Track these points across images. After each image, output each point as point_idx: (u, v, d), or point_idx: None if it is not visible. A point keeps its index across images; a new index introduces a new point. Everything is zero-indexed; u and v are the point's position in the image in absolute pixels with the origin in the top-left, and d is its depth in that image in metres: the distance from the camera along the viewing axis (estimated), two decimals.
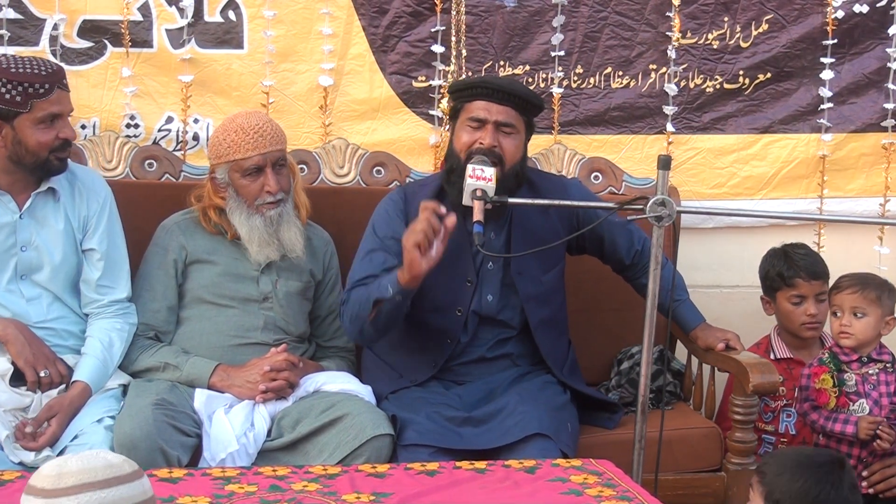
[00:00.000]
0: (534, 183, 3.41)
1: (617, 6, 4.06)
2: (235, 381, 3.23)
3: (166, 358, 3.27)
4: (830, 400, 3.52)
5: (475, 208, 3.08)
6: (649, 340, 3.05)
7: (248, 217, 3.30)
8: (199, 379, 3.23)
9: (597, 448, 3.21)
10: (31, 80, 3.06)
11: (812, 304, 3.78)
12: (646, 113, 4.13)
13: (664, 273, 3.13)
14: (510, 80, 3.62)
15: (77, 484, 1.88)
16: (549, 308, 3.41)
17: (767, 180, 4.21)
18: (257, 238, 3.30)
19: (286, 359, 3.22)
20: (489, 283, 3.32)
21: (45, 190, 3.20)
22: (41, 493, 1.89)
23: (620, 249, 3.48)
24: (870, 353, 3.58)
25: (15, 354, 3.06)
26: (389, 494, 2.52)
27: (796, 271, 3.78)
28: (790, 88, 4.19)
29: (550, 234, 3.33)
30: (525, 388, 3.28)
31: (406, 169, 3.93)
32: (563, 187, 3.46)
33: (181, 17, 3.85)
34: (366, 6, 3.95)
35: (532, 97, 3.35)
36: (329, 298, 3.51)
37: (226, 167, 3.31)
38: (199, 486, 2.55)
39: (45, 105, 3.09)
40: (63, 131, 3.13)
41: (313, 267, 3.47)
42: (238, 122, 3.32)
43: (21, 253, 3.19)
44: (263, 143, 3.28)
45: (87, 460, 1.92)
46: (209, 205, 3.37)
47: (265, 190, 3.29)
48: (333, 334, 3.52)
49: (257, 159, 3.28)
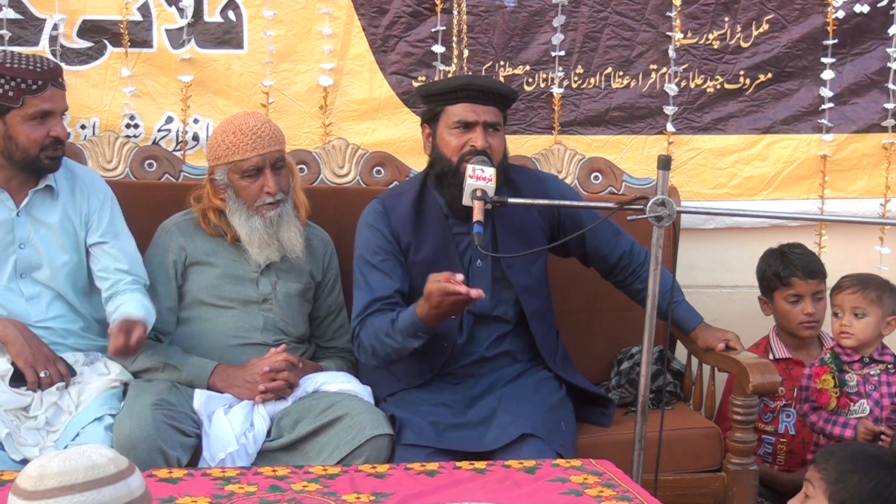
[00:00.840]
0: (511, 178, 3.38)
1: (617, 6, 4.06)
2: (235, 380, 3.22)
3: (166, 358, 3.26)
4: (831, 400, 3.52)
5: (475, 208, 3.08)
6: (649, 340, 3.05)
7: (248, 218, 3.30)
8: (198, 379, 3.23)
9: (597, 448, 3.21)
10: (25, 76, 3.06)
11: (809, 303, 3.79)
12: (646, 113, 4.13)
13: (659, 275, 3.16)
14: (489, 79, 3.61)
15: (57, 486, 1.85)
16: (539, 299, 3.42)
17: (769, 181, 4.21)
18: (257, 239, 3.29)
19: (285, 359, 3.22)
20: (480, 281, 3.31)
21: (42, 188, 3.20)
22: (23, 493, 1.87)
23: (604, 247, 3.45)
24: (872, 353, 3.58)
25: (14, 355, 3.06)
26: (389, 494, 2.52)
27: (793, 270, 3.79)
28: (791, 89, 4.18)
29: (532, 227, 3.35)
30: (520, 387, 3.28)
31: (406, 169, 3.93)
32: (539, 182, 3.45)
33: (181, 17, 3.85)
34: (366, 6, 3.95)
35: (511, 93, 3.37)
36: (328, 299, 3.51)
37: (225, 168, 3.31)
38: (198, 487, 2.55)
39: (37, 101, 3.09)
40: (54, 129, 3.13)
41: (313, 268, 3.46)
42: (236, 124, 3.31)
43: (20, 251, 3.19)
44: (262, 144, 3.28)
45: (70, 460, 1.88)
46: (208, 206, 3.37)
47: (264, 191, 3.29)
48: (333, 335, 3.52)
49: (256, 160, 3.28)
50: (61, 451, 1.94)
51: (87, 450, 1.93)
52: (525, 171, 3.59)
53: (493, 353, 3.36)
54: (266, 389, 3.19)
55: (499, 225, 3.35)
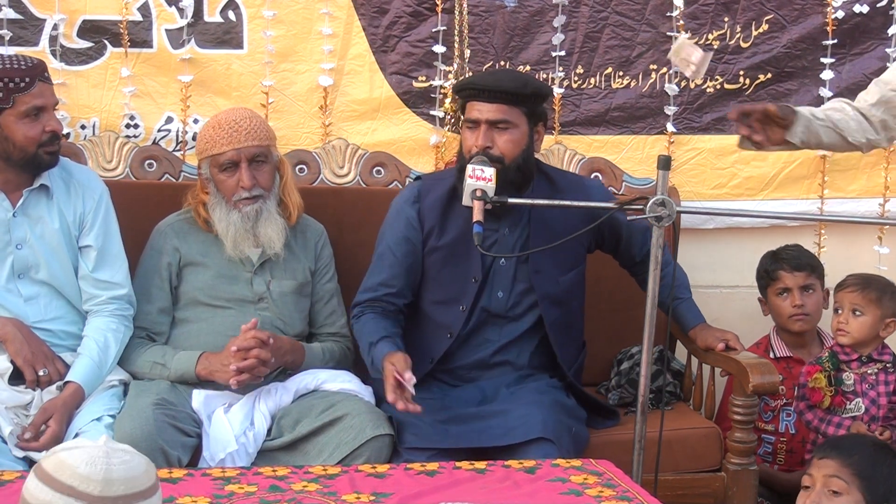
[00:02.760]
0: (553, 180, 3.40)
1: (617, 6, 4.06)
2: (213, 366, 3.21)
3: (154, 357, 3.27)
4: (825, 399, 3.53)
5: (475, 208, 3.09)
6: (649, 340, 3.05)
7: (227, 213, 3.31)
8: (186, 372, 3.23)
9: (597, 448, 3.21)
10: (11, 75, 3.06)
11: (797, 295, 3.81)
12: (646, 113, 4.13)
13: (668, 271, 3.24)
14: (498, 76, 3.56)
15: (126, 494, 1.83)
16: (565, 309, 3.40)
17: (768, 181, 4.21)
18: (232, 234, 3.30)
19: (254, 336, 3.17)
20: (500, 281, 3.33)
21: (37, 187, 3.20)
22: (88, 498, 1.83)
23: (633, 248, 3.49)
24: (870, 352, 3.58)
25: (13, 353, 3.06)
26: (389, 494, 2.52)
27: (780, 264, 3.85)
28: (791, 89, 4.18)
29: (570, 233, 3.25)
30: (528, 389, 3.27)
31: (406, 169, 3.93)
32: (582, 187, 3.44)
33: (181, 17, 3.85)
34: (366, 6, 3.94)
35: (521, 88, 3.27)
36: (320, 284, 3.49)
37: (207, 162, 3.34)
38: (198, 487, 2.55)
39: (28, 98, 3.09)
40: (49, 124, 3.13)
41: (307, 261, 3.46)
42: (218, 118, 3.34)
43: (16, 251, 3.18)
44: (237, 139, 3.28)
45: (130, 467, 1.86)
46: (198, 201, 3.39)
47: (239, 185, 3.29)
48: (324, 320, 3.50)
49: (231, 154, 3.28)
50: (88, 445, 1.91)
51: (118, 450, 1.90)
52: (566, 174, 3.62)
53: (494, 361, 3.35)
54: (239, 369, 3.13)
55: (534, 228, 3.33)
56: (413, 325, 3.38)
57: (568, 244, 3.27)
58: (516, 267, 3.34)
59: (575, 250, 3.39)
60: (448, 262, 3.29)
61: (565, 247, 3.28)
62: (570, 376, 3.38)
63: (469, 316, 3.32)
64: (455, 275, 3.31)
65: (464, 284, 3.32)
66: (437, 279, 3.31)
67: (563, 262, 3.36)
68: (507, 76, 3.46)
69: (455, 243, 3.25)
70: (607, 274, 3.60)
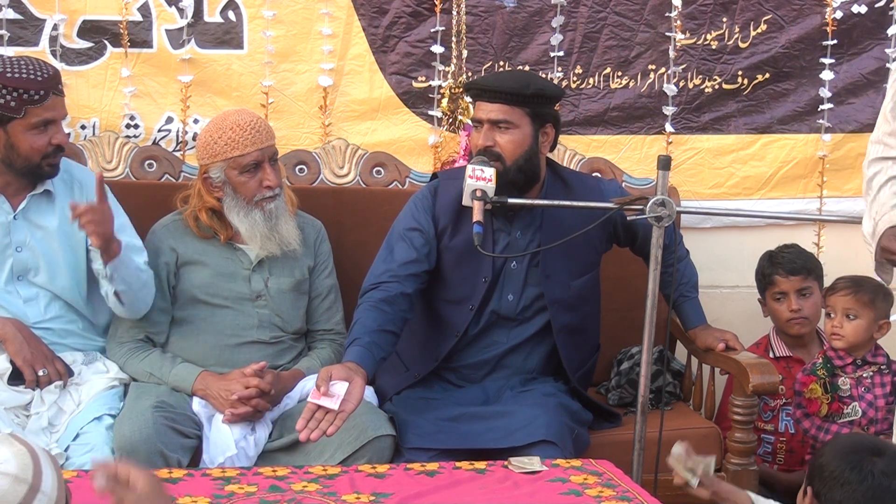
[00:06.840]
0: (568, 183, 3.39)
1: (616, 6, 4.06)
2: (212, 391, 3.17)
3: (151, 368, 3.25)
4: (822, 407, 3.53)
5: (475, 208, 3.09)
6: (649, 340, 3.06)
7: (248, 213, 3.30)
8: (183, 389, 3.21)
9: (597, 448, 3.21)
10: (27, 87, 3.05)
11: (794, 299, 3.80)
12: (645, 113, 4.13)
13: (679, 266, 3.34)
14: (502, 76, 3.60)
15: None
16: (576, 315, 3.39)
17: (766, 180, 4.22)
18: (259, 234, 3.29)
19: (257, 385, 3.13)
20: (511, 284, 3.33)
21: (40, 192, 3.20)
22: None
23: (647, 242, 3.45)
24: (864, 355, 3.58)
25: (13, 353, 3.06)
26: (389, 495, 2.53)
27: (775, 268, 3.84)
28: (789, 89, 4.19)
29: (584, 238, 3.24)
30: (533, 392, 3.27)
31: (406, 169, 3.93)
32: (599, 191, 3.40)
33: (181, 17, 3.85)
34: (366, 6, 3.95)
35: (522, 88, 3.24)
36: (317, 280, 3.48)
37: (222, 165, 3.30)
38: (198, 487, 2.55)
39: (40, 111, 3.08)
40: (56, 137, 3.13)
41: (306, 257, 3.46)
42: (232, 120, 3.31)
43: (16, 254, 3.18)
44: (260, 139, 3.29)
45: None
46: (201, 207, 3.35)
47: (264, 185, 3.29)
48: (320, 316, 3.49)
49: (256, 155, 3.28)
50: None
51: None
52: (585, 177, 3.62)
53: (499, 363, 3.35)
54: (234, 415, 3.10)
55: (546, 231, 3.32)
56: (423, 322, 3.37)
57: (580, 249, 3.27)
58: (527, 270, 3.33)
59: (587, 255, 3.38)
60: (460, 262, 3.29)
61: (577, 251, 3.28)
62: (575, 381, 3.37)
63: (478, 317, 3.32)
64: (465, 275, 3.31)
65: (474, 285, 3.32)
66: (448, 279, 3.31)
67: (574, 267, 3.36)
68: (510, 77, 3.46)
69: (467, 243, 3.23)
70: (607, 274, 3.59)
